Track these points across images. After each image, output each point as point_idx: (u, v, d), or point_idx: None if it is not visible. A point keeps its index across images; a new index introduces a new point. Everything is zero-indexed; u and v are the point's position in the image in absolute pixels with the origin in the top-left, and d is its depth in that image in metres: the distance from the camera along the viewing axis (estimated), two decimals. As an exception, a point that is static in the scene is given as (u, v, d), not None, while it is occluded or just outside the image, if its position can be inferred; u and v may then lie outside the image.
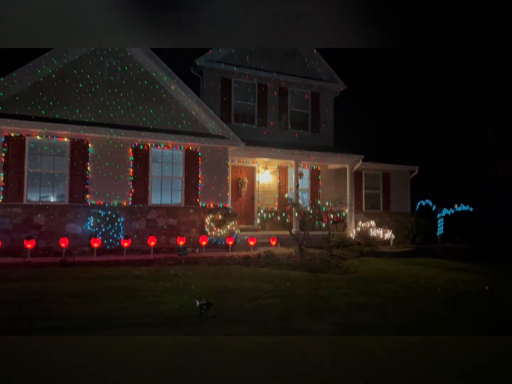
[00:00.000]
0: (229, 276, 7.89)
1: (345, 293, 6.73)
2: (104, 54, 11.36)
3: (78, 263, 8.55)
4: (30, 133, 10.42)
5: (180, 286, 6.78)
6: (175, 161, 12.18)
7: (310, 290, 6.93)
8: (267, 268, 9.02)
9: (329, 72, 16.48)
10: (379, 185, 17.61)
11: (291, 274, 8.41)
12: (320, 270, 9.13)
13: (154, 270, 8.14)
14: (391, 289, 7.17)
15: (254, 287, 6.94)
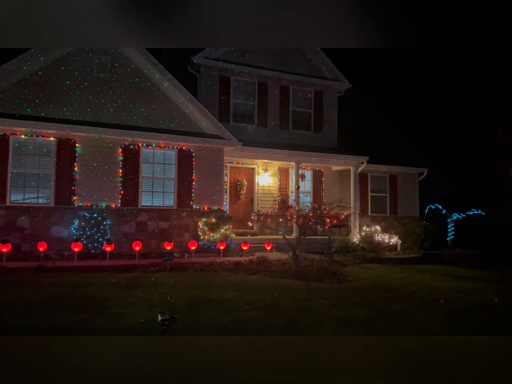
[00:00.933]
0: (212, 284, 7.30)
1: (335, 305, 6.09)
2: (93, 50, 10.92)
3: (56, 269, 8.06)
4: (15, 132, 10.01)
5: (154, 296, 6.22)
6: (168, 162, 11.66)
7: (297, 301, 6.30)
8: (258, 276, 8.41)
9: (333, 70, 15.82)
10: (385, 188, 16.86)
11: (281, 283, 7.79)
12: (314, 278, 8.49)
13: (134, 277, 7.60)
14: (387, 301, 6.50)
15: (237, 297, 6.35)
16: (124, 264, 8.83)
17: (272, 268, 9.16)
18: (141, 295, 6.25)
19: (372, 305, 6.13)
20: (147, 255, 10.27)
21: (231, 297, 6.35)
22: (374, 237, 14.23)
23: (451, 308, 5.97)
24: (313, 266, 10.03)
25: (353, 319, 5.23)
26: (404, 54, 24.36)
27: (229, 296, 6.44)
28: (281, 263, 9.85)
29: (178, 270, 8.51)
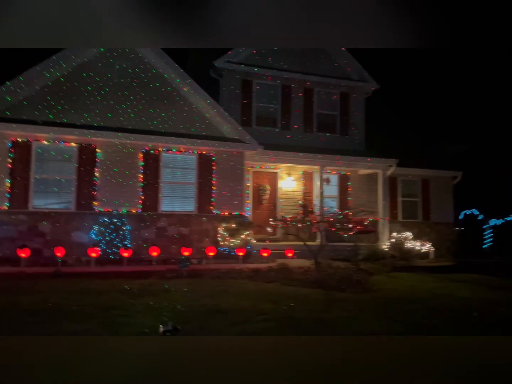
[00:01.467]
0: (227, 292, 6.99)
1: (356, 318, 5.63)
2: (114, 56, 10.96)
3: (72, 274, 8.00)
4: (37, 138, 10.14)
5: (164, 304, 5.97)
6: (188, 166, 11.51)
7: (314, 312, 5.88)
8: (276, 284, 8.04)
9: (360, 71, 15.30)
10: (417, 192, 16.07)
11: (300, 292, 7.38)
12: (337, 287, 8.00)
13: (148, 284, 7.41)
14: (413, 313, 5.97)
15: (250, 307, 6.01)
16: (141, 270, 8.69)
17: (292, 276, 8.75)
18: (151, 303, 6.02)
19: (395, 318, 5.63)
20: (167, 261, 10.11)
21: (244, 307, 6.01)
22: (405, 244, 13.55)
23: (484, 322, 5.39)
24: (336, 275, 9.51)
25: (372, 334, 4.77)
26: (435, 52, 23.43)
27: (242, 305, 6.11)
28: (302, 271, 9.43)
29: (195, 277, 8.26)
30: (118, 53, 10.99)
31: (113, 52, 10.95)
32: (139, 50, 11.15)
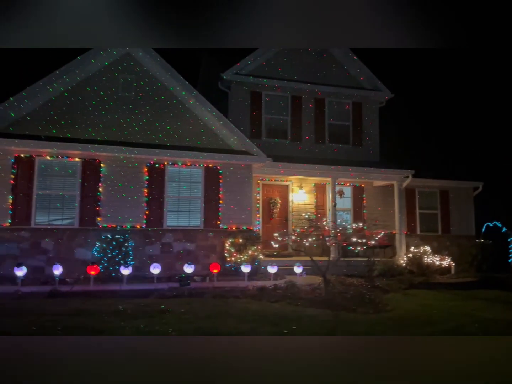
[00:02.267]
0: (227, 314, 6.55)
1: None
2: (118, 70, 10.85)
3: (69, 294, 7.71)
4: (40, 153, 10.03)
5: (156, 327, 5.58)
6: (194, 180, 11.21)
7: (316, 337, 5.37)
8: (281, 304, 7.56)
9: (372, 80, 14.86)
10: (436, 204, 15.37)
11: (305, 313, 6.88)
12: (346, 307, 7.47)
13: (144, 304, 7.04)
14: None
15: (248, 331, 5.56)
16: (141, 289, 8.34)
17: (300, 295, 8.24)
18: (142, 325, 5.64)
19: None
20: (171, 278, 9.75)
21: (242, 331, 5.56)
22: (423, 258, 12.84)
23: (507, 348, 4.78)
24: (347, 293, 8.95)
25: (375, 364, 4.24)
26: (451, 58, 22.76)
27: (240, 329, 5.67)
28: (311, 288, 8.91)
29: (196, 296, 7.85)
30: (122, 67, 10.88)
31: (117, 66, 10.85)
32: (144, 63, 11.02)
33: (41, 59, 25.32)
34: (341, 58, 14.67)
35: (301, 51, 14.27)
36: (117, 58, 10.85)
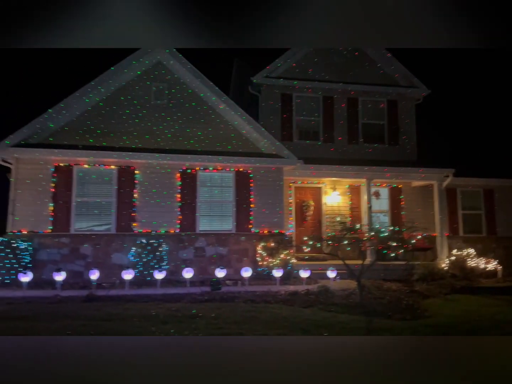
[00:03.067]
0: (256, 319, 6.47)
1: (389, 357, 4.85)
2: (150, 78, 11.11)
3: (105, 298, 7.91)
4: (78, 162, 10.41)
5: (185, 332, 5.59)
6: (225, 184, 11.26)
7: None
8: (313, 309, 7.39)
9: (408, 77, 14.36)
10: (480, 204, 14.59)
11: (338, 319, 6.68)
12: (382, 313, 7.20)
13: (176, 308, 7.09)
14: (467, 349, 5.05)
15: (277, 337, 5.44)
16: (174, 293, 8.43)
17: (333, 300, 8.03)
18: (172, 330, 5.67)
19: (443, 356, 4.78)
20: (204, 282, 9.79)
21: (270, 337, 5.46)
22: (467, 262, 12.20)
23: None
24: (384, 298, 8.67)
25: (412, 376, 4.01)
26: (488, 52, 21.62)
27: (267, 335, 5.57)
28: (345, 294, 8.67)
29: (227, 300, 7.83)
30: (154, 75, 11.13)
31: (149, 75, 11.11)
32: (175, 71, 11.21)
33: (77, 71, 26.43)
34: (374, 55, 14.30)
35: (332, 50, 14.04)
36: (149, 67, 11.11)
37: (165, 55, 11.02)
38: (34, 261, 9.75)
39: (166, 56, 11.04)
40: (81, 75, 23.79)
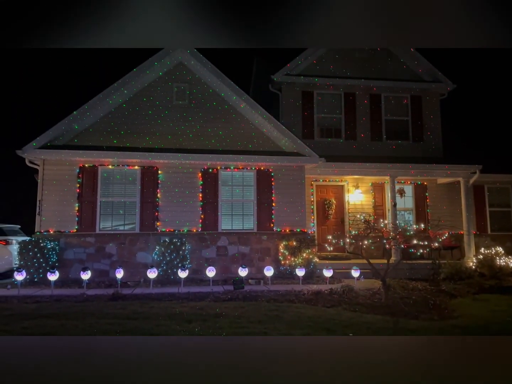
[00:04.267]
0: (280, 318, 6.43)
1: (422, 355, 4.74)
2: (172, 79, 11.20)
3: (130, 296, 8.02)
4: (102, 163, 10.59)
5: (210, 331, 5.61)
6: (246, 183, 11.26)
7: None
8: (337, 309, 7.29)
9: (432, 71, 14.03)
10: (508, 201, 14.17)
11: (363, 319, 6.57)
12: (408, 313, 7.05)
13: (200, 307, 7.13)
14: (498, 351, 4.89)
15: (301, 337, 5.39)
16: (198, 291, 8.47)
17: (357, 300, 7.91)
18: (197, 329, 5.70)
19: (474, 359, 4.64)
20: (227, 281, 9.84)
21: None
22: (496, 260, 11.82)
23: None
24: (410, 298, 8.46)
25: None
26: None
27: (291, 335, 5.53)
28: (369, 293, 8.53)
29: (250, 299, 7.82)
30: (175, 76, 11.21)
31: (171, 75, 11.20)
32: (196, 71, 11.27)
33: (101, 73, 26.89)
34: (397, 51, 14.03)
35: (354, 47, 13.84)
36: (170, 68, 11.20)
37: (186, 55, 11.09)
38: (61, 260, 9.98)
39: (187, 57, 11.11)
40: (104, 77, 24.22)
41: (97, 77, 26.43)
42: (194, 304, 7.42)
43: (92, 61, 33.80)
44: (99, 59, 33.17)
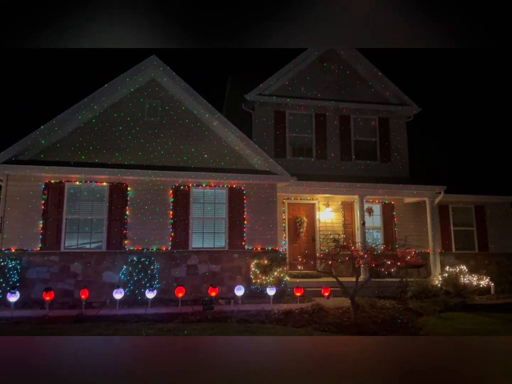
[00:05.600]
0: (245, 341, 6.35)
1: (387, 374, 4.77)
2: (144, 95, 11.13)
3: (95, 318, 7.75)
4: (69, 179, 10.32)
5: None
6: (218, 201, 11.21)
7: (339, 368, 5.09)
8: (307, 329, 7.29)
9: (399, 95, 14.57)
10: (471, 221, 14.67)
11: (332, 339, 6.58)
12: (376, 332, 7.13)
13: (167, 329, 6.96)
14: (460, 368, 4.99)
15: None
16: (166, 312, 8.28)
17: (327, 319, 7.95)
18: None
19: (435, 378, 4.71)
20: (197, 301, 9.66)
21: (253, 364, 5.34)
22: (460, 278, 12.18)
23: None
24: (378, 316, 8.59)
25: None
26: (478, 69, 22.07)
27: (252, 361, 5.45)
28: (339, 312, 8.59)
29: (220, 320, 7.71)
30: (148, 92, 11.16)
31: (143, 92, 11.14)
32: (169, 88, 11.26)
33: (71, 87, 26.47)
34: (365, 74, 14.51)
35: (324, 69, 14.24)
36: (142, 84, 11.14)
37: (159, 72, 11.08)
38: (23, 280, 9.55)
39: (160, 74, 11.10)
40: (74, 92, 23.83)
41: (67, 90, 25.98)
42: (161, 325, 7.25)
43: (64, 71, 33.19)
44: (70, 73, 32.63)
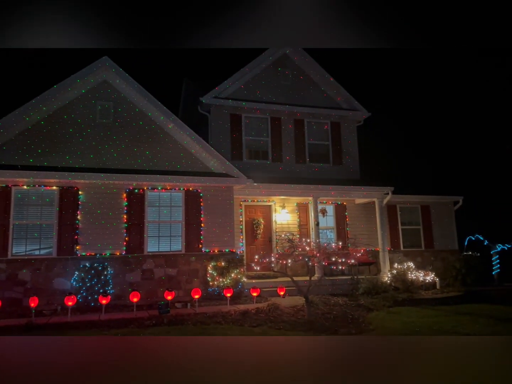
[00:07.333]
0: (202, 342, 6.41)
1: (324, 373, 5.00)
2: (96, 97, 10.88)
3: (46, 326, 7.49)
4: (16, 183, 9.89)
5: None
6: (174, 204, 11.16)
7: (287, 368, 5.26)
8: (263, 328, 7.45)
9: (349, 100, 15.15)
10: (418, 220, 15.49)
11: (285, 337, 6.78)
12: (328, 328, 7.41)
13: (122, 334, 6.88)
14: (404, 358, 5.33)
15: (218, 361, 5.42)
16: (120, 318, 8.14)
17: (282, 318, 8.16)
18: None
19: (379, 368, 5.00)
20: (153, 306, 9.54)
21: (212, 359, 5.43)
22: (408, 274, 12.85)
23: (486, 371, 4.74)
24: (331, 313, 8.92)
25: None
26: (425, 75, 23.39)
27: (210, 357, 5.53)
28: (294, 310, 8.83)
29: (176, 323, 7.70)
30: (99, 94, 10.92)
31: (95, 93, 10.89)
32: (122, 90, 11.08)
33: (18, 88, 25.27)
34: (318, 79, 14.97)
35: (278, 74, 14.55)
36: (94, 86, 10.89)
37: (111, 74, 10.88)
38: (-35, 290, 9.05)
39: (112, 75, 10.90)
40: (22, 93, 22.75)
41: (14, 91, 24.74)
42: (115, 331, 7.14)
43: (11, 71, 31.54)
44: (18, 73, 31.06)
